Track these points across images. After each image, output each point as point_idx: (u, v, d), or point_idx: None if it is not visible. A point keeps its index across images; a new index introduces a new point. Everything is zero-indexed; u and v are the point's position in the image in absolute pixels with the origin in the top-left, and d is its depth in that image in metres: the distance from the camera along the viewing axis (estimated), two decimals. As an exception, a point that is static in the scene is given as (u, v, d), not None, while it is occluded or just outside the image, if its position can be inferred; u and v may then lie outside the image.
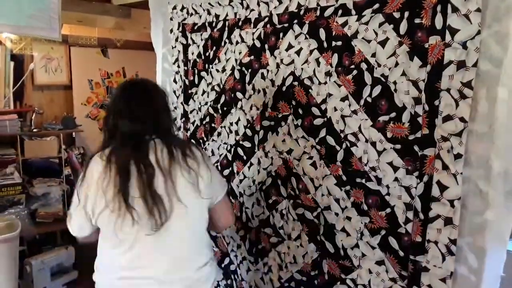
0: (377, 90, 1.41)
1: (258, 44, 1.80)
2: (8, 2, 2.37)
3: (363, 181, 1.47)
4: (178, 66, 2.20)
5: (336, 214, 1.57)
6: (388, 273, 1.43)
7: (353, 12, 1.46)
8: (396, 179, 1.38)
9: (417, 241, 1.33)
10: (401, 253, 1.39)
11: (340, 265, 1.57)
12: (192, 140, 2.15)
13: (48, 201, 3.21)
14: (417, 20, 1.29)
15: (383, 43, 1.38)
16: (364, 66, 1.44)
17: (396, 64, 1.35)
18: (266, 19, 1.75)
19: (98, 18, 3.14)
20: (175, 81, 2.23)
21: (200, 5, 2.03)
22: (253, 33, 1.81)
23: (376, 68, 1.40)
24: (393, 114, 1.37)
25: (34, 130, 3.27)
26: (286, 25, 1.68)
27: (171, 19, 2.19)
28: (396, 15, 1.34)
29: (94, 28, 3.52)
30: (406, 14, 1.32)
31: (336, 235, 1.57)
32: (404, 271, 1.38)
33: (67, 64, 3.63)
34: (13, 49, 3.14)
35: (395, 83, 1.36)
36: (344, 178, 1.53)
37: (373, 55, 1.41)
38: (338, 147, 1.54)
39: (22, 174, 3.15)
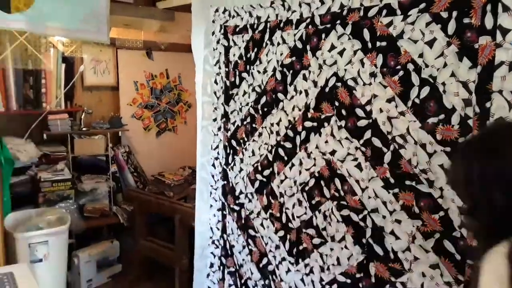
0: (425, 91, 1.37)
1: (299, 45, 1.80)
2: (60, 7, 2.49)
3: (414, 183, 1.44)
4: (219, 68, 2.23)
5: (384, 217, 1.54)
6: (443, 277, 1.39)
7: (398, 12, 1.43)
8: (449, 182, 1.34)
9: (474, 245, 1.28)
10: (458, 257, 1.35)
11: (389, 268, 1.55)
12: (233, 140, 2.18)
13: (95, 196, 3.36)
14: (466, 20, 1.26)
15: (430, 44, 1.35)
16: (411, 66, 1.41)
17: (445, 65, 1.32)
18: (308, 20, 1.75)
19: (144, 22, 3.24)
20: (216, 82, 2.26)
21: (242, 7, 2.06)
22: (294, 34, 1.81)
23: (423, 69, 1.37)
24: (442, 116, 1.34)
25: (83, 129, 3.42)
26: (328, 25, 1.67)
27: (213, 21, 2.24)
28: (444, 14, 1.31)
29: (140, 31, 3.64)
30: (454, 13, 1.28)
31: (385, 238, 1.55)
32: (461, 276, 1.34)
33: (114, 66, 3.77)
34: (64, 51, 3.30)
35: (443, 84, 1.32)
36: (391, 180, 1.50)
37: (420, 55, 1.38)
38: (385, 149, 1.51)
39: (72, 171, 3.30)
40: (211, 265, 2.37)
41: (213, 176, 2.32)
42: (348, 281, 1.69)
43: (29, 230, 2.56)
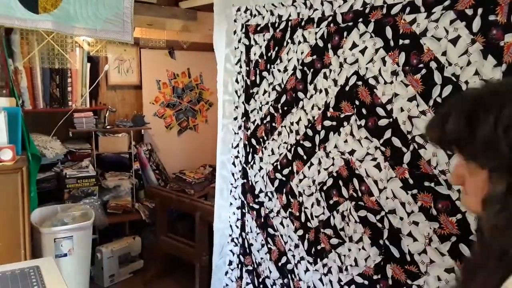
0: (448, 90, 1.35)
1: (321, 43, 1.79)
2: (86, 8, 2.56)
3: (432, 185, 1.41)
4: (240, 67, 2.24)
5: (401, 218, 1.52)
6: (458, 282, 1.36)
7: (422, 9, 1.41)
8: (467, 184, 1.31)
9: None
10: None
11: (406, 271, 1.53)
12: (253, 139, 2.19)
13: (118, 193, 3.42)
14: (491, 17, 1.22)
15: (454, 41, 1.32)
16: (433, 65, 1.38)
17: (469, 63, 1.28)
18: (330, 18, 1.74)
19: (166, 22, 3.29)
20: (237, 81, 2.28)
21: (264, 6, 2.06)
22: (316, 33, 1.80)
23: (446, 67, 1.34)
24: (464, 116, 1.30)
25: (107, 127, 3.50)
26: (350, 23, 1.66)
27: (234, 20, 2.25)
28: (469, 12, 1.28)
29: (163, 31, 3.69)
30: (480, 11, 1.25)
31: (402, 240, 1.52)
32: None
33: (138, 65, 3.84)
34: (89, 51, 3.38)
35: (467, 83, 1.29)
36: (410, 181, 1.48)
37: (444, 53, 1.35)
38: (404, 149, 1.49)
39: (96, 168, 3.38)
40: (230, 263, 2.39)
41: (233, 175, 2.34)
42: (366, 282, 1.68)
43: (54, 225, 2.64)
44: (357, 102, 1.65)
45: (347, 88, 1.68)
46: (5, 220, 2.10)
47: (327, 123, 1.78)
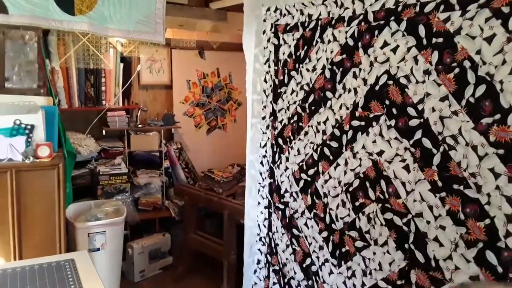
0: (481, 89, 1.30)
1: (351, 42, 1.76)
2: (120, 10, 2.63)
3: (461, 188, 1.37)
4: (269, 66, 2.25)
5: (428, 222, 1.48)
6: (484, 290, 1.32)
7: (457, 7, 1.37)
8: (497, 187, 1.26)
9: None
10: (500, 269, 1.27)
11: (430, 277, 1.49)
12: (280, 138, 2.19)
13: (149, 190, 3.50)
14: (529, 15, 1.17)
15: (489, 40, 1.28)
16: (467, 64, 1.34)
17: (504, 62, 1.24)
18: (361, 17, 1.71)
19: (197, 22, 3.33)
20: (265, 80, 2.28)
21: (294, 6, 2.05)
22: (346, 32, 1.78)
23: (480, 66, 1.30)
24: (497, 116, 1.26)
25: (139, 125, 3.58)
26: (382, 22, 1.63)
27: (264, 20, 2.25)
28: (505, 9, 1.23)
29: (193, 31, 3.75)
30: (517, 8, 1.20)
31: (428, 245, 1.49)
32: (503, 290, 1.26)
33: (169, 65, 3.91)
34: (123, 52, 3.47)
35: (501, 82, 1.25)
36: (439, 184, 1.44)
37: (478, 52, 1.31)
38: (434, 150, 1.45)
39: (128, 165, 3.47)
40: (258, 262, 2.40)
41: (261, 174, 2.35)
42: (389, 287, 1.64)
43: (88, 220, 2.72)
44: (387, 102, 1.62)
45: (377, 88, 1.66)
46: (42, 215, 2.19)
47: (355, 123, 1.76)
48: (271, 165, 2.26)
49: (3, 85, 2.42)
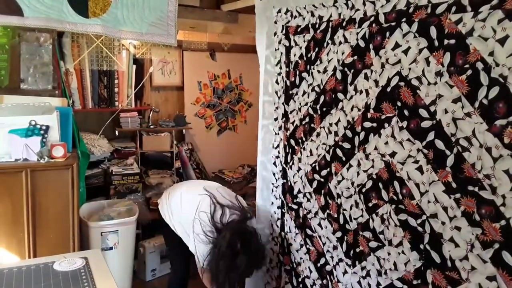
0: (495, 91, 1.30)
1: (362, 44, 1.77)
2: (133, 12, 2.66)
3: (476, 189, 1.36)
4: (280, 68, 2.26)
5: (443, 223, 1.48)
6: (501, 291, 1.31)
7: (469, 8, 1.36)
8: (512, 189, 1.26)
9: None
10: None
11: (446, 277, 1.48)
12: (292, 140, 2.20)
13: (160, 190, 3.52)
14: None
15: (502, 41, 1.27)
16: (480, 65, 1.33)
17: (518, 63, 1.23)
18: (372, 18, 1.72)
19: (208, 24, 3.36)
20: (277, 82, 2.29)
21: (304, 7, 2.06)
22: (357, 33, 1.79)
23: (493, 68, 1.29)
24: (511, 118, 1.25)
25: (151, 126, 3.63)
26: (393, 23, 1.63)
27: (275, 22, 2.26)
28: (519, 10, 1.22)
29: (204, 33, 3.77)
30: (531, 9, 1.20)
31: (444, 245, 1.48)
32: (521, 291, 1.26)
33: (180, 67, 3.95)
34: (135, 53, 3.51)
35: (516, 83, 1.24)
36: (453, 185, 1.44)
37: (491, 54, 1.30)
38: (448, 152, 1.45)
39: (140, 165, 3.51)
40: (270, 261, 2.41)
41: (274, 174, 2.36)
42: (405, 287, 1.64)
43: (101, 220, 2.76)
44: (399, 103, 1.62)
45: (388, 89, 1.66)
46: (56, 214, 2.23)
47: (367, 124, 1.76)
48: (284, 165, 2.27)
49: (18, 87, 2.47)
